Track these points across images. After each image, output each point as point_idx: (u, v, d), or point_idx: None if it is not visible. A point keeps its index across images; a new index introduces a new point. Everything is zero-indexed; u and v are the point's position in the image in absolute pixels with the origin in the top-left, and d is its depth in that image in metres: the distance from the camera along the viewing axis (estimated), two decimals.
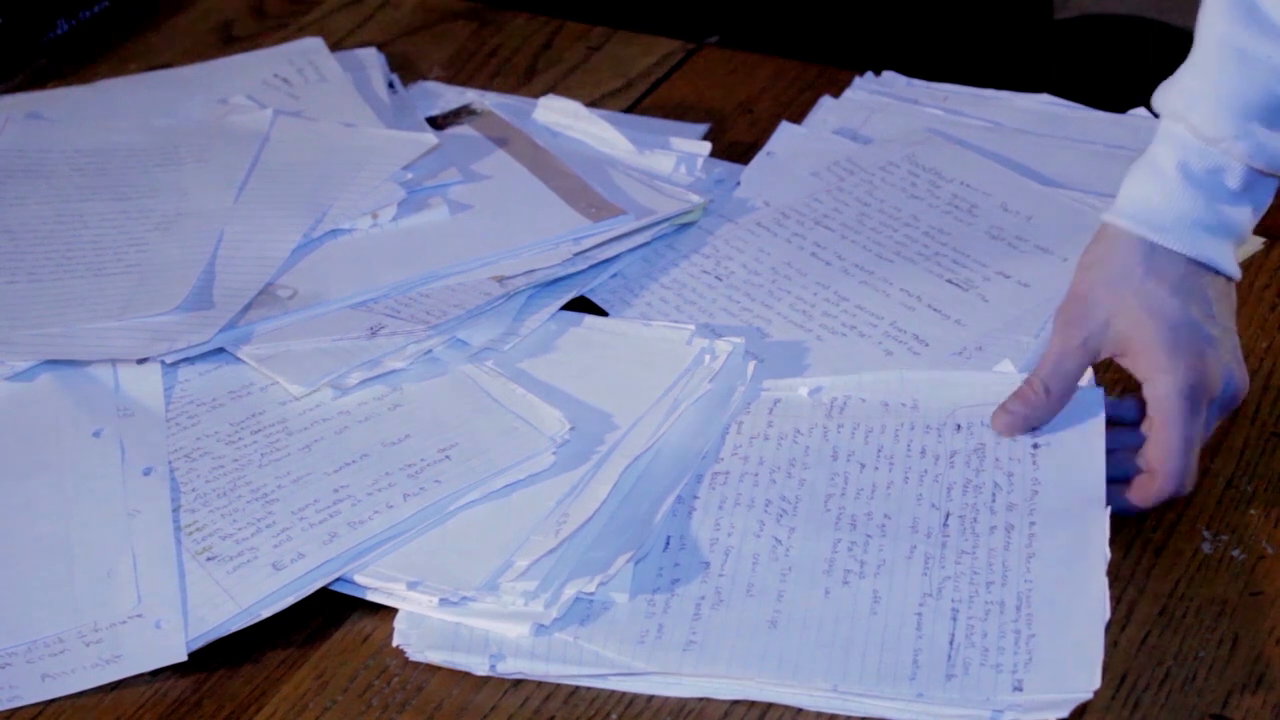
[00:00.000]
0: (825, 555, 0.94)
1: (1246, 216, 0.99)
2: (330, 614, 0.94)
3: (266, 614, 0.92)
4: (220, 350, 1.09)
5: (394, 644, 0.92)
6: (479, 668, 0.90)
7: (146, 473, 1.01)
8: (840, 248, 1.18)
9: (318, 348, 1.08)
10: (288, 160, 1.24)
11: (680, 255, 1.18)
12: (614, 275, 1.16)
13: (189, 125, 1.30)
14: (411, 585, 0.92)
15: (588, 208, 1.18)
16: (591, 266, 1.15)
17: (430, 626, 0.92)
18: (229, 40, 1.47)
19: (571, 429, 1.00)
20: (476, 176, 1.23)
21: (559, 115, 1.29)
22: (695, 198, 1.20)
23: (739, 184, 1.24)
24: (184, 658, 0.90)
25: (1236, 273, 1.00)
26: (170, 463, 1.02)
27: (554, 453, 0.99)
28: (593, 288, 1.15)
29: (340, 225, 1.17)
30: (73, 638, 0.92)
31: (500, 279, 1.12)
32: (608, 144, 1.27)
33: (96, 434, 1.04)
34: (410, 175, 1.21)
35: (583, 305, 1.14)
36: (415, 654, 0.91)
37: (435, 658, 0.91)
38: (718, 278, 1.16)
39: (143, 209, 1.21)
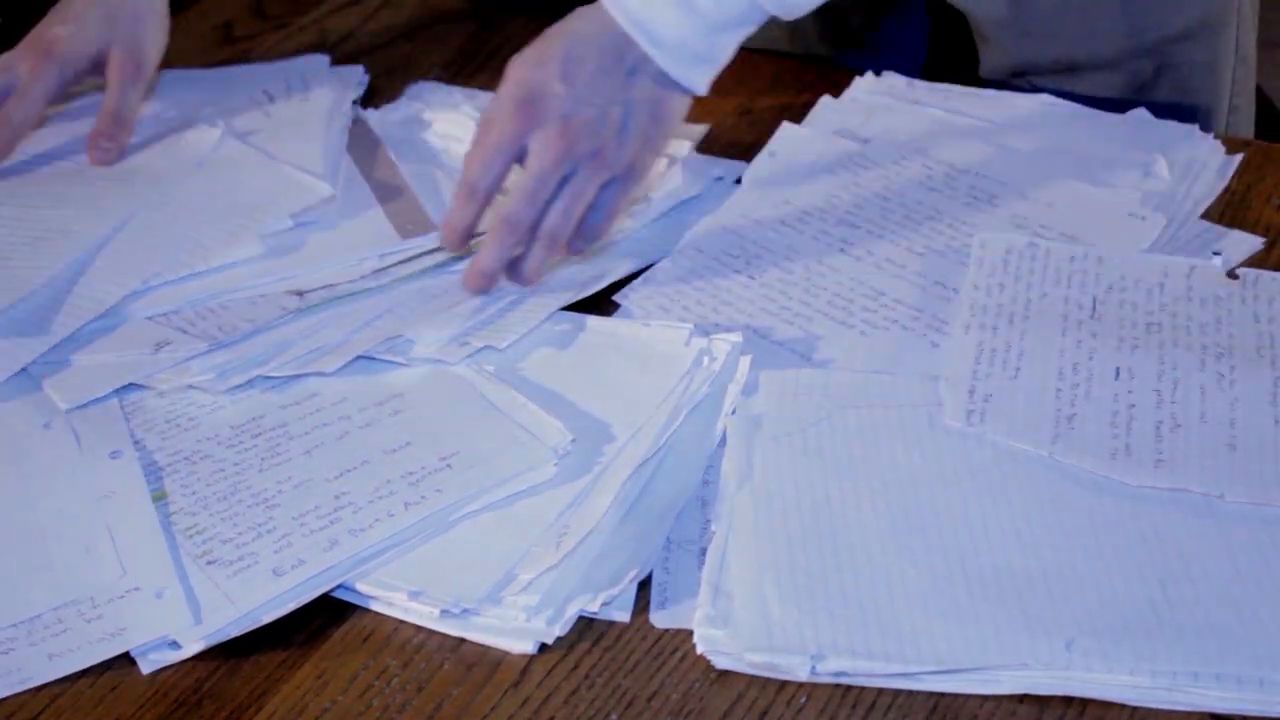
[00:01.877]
0: (1267, 390, 1.02)
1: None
2: (330, 614, 0.94)
3: (267, 619, 0.92)
4: None
5: (699, 651, 0.89)
6: (800, 670, 0.88)
7: (114, 456, 1.01)
8: (869, 244, 1.18)
9: (103, 362, 1.07)
10: (192, 192, 1.22)
11: (709, 257, 1.18)
12: (644, 280, 1.16)
13: (139, 137, 1.28)
14: (413, 595, 0.93)
15: (405, 224, 1.18)
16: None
17: (740, 625, 0.89)
18: (229, 40, 1.47)
19: (573, 440, 1.00)
20: None
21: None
22: None
23: (739, 183, 1.25)
24: (192, 624, 0.91)
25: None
26: (140, 443, 1.02)
27: (555, 464, 0.99)
28: (624, 293, 1.15)
29: (197, 268, 1.15)
30: (73, 617, 0.92)
31: (299, 293, 1.12)
32: None
33: (47, 425, 1.04)
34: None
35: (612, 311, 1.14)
36: (728, 663, 0.89)
37: (756, 659, 0.88)
38: (750, 277, 1.16)
39: (43, 220, 1.19)
